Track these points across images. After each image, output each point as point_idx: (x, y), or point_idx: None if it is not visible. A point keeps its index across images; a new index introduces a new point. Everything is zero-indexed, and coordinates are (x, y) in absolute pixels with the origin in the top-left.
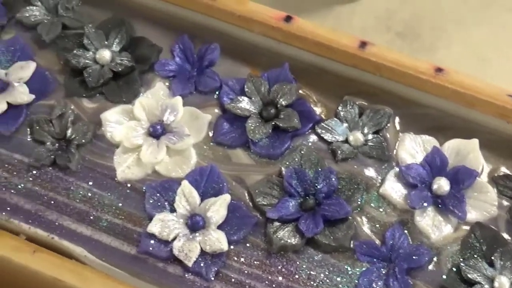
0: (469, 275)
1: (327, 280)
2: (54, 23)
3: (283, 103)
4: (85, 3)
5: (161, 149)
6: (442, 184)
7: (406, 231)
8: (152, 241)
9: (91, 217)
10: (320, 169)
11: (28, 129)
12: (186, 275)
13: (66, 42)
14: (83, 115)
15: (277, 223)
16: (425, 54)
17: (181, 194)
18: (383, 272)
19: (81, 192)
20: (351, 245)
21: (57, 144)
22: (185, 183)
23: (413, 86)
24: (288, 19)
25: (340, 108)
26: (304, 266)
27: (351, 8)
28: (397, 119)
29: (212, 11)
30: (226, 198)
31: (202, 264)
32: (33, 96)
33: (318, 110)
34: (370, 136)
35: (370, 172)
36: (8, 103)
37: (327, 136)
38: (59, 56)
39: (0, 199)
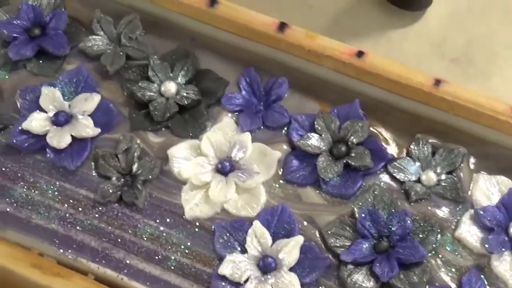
0: None
1: None
2: (117, 54)
3: (354, 140)
4: (148, 33)
5: (230, 186)
6: None
7: (483, 276)
8: (223, 283)
9: (159, 256)
10: (394, 211)
11: (93, 164)
12: None
13: (130, 73)
14: (148, 150)
15: (350, 266)
16: (479, 80)
17: (252, 234)
18: None
19: (148, 230)
20: None
21: (122, 180)
22: (257, 223)
23: (489, 126)
24: (360, 54)
25: (412, 146)
26: None
27: (403, 33)
28: (471, 159)
29: (281, 45)
30: (299, 240)
31: None
32: (98, 130)
33: (389, 148)
34: (443, 176)
35: (444, 213)
36: (72, 136)
37: (400, 176)
38: (123, 87)
39: (65, 236)
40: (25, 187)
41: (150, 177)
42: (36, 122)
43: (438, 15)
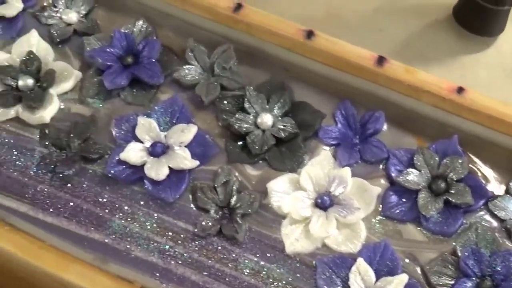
0: None
1: None
2: (212, 84)
3: (454, 177)
4: (241, 63)
5: (330, 221)
6: None
7: None
8: None
9: None
10: (497, 250)
11: (190, 196)
12: None
13: (226, 104)
14: (246, 183)
15: None
16: None
17: (356, 272)
18: None
19: (249, 265)
20: None
21: (220, 212)
22: (360, 261)
23: None
24: (460, 90)
25: None
26: None
27: (476, 58)
28: None
29: (378, 79)
30: (403, 278)
31: None
32: (197, 162)
33: (488, 185)
34: None
35: None
36: (169, 167)
37: (501, 214)
38: (218, 118)
39: (166, 269)
40: (123, 218)
41: (249, 211)
42: (133, 153)
43: (511, 41)
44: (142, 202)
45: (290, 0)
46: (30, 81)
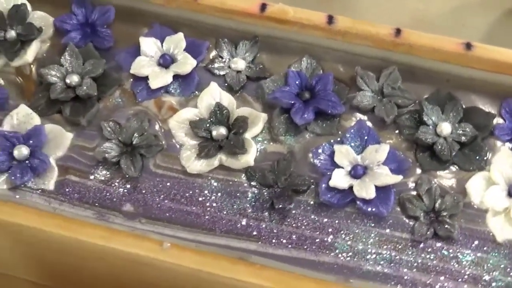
0: None
1: None
2: (388, 104)
3: None
4: (404, 81)
5: None
6: None
7: None
8: None
9: (483, 282)
10: None
11: (398, 208)
12: None
13: (405, 120)
14: (444, 186)
15: None
16: None
17: None
18: None
19: (468, 258)
20: None
21: (428, 217)
22: None
23: None
24: None
25: None
26: None
27: None
28: None
29: None
30: None
31: None
32: (400, 177)
33: None
34: None
35: None
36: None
37: None
38: (401, 134)
39: (398, 277)
40: (346, 238)
41: (456, 211)
42: (340, 179)
43: None
44: (357, 221)
45: (377, 11)
46: (223, 130)
